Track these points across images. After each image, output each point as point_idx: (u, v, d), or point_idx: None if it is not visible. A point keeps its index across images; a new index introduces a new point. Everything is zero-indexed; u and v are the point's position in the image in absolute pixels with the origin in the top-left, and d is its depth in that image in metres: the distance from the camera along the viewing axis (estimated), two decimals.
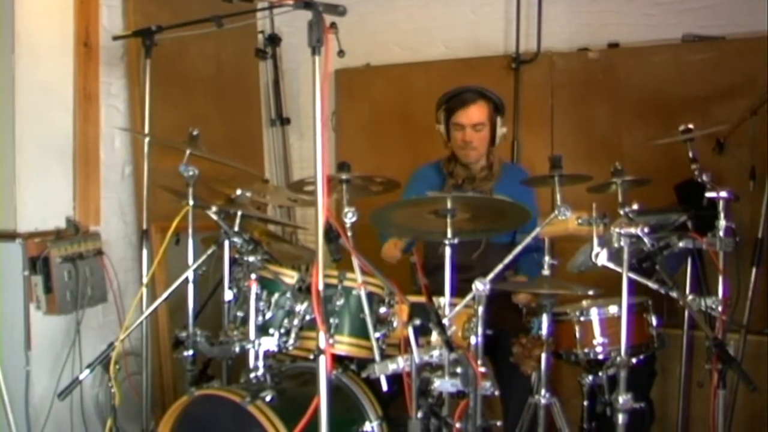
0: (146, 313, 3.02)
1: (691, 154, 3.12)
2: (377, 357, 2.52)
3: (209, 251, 2.93)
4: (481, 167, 3.45)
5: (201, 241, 3.09)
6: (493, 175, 3.44)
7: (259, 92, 4.94)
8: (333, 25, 2.09)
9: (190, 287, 3.01)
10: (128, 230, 3.82)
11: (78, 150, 3.50)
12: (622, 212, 2.66)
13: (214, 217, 2.85)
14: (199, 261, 2.94)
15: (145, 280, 3.31)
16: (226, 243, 2.86)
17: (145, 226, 3.45)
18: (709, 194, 2.93)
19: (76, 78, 3.49)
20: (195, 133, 3.06)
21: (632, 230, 2.51)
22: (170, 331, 3.69)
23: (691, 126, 3.18)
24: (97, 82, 3.60)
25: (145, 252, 3.41)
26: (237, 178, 3.26)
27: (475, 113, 3.35)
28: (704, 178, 2.98)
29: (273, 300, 2.69)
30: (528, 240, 2.59)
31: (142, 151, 3.44)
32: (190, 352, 2.90)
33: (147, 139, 3.40)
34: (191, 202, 2.91)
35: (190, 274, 2.96)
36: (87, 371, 2.76)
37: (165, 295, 2.92)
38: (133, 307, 3.21)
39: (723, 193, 2.89)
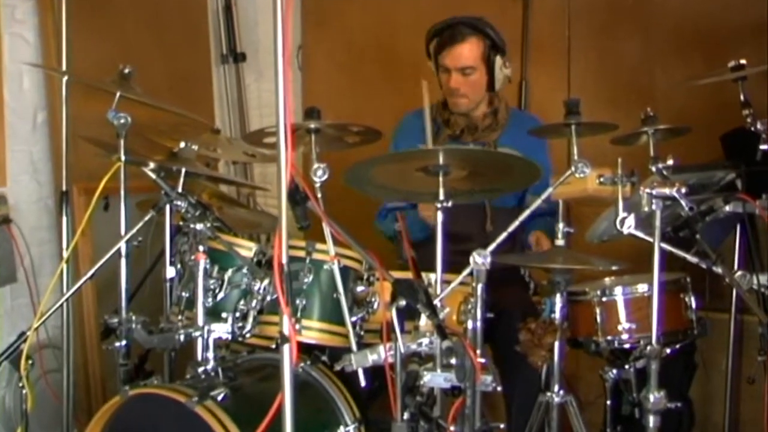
0: (67, 295, 3.04)
1: (742, 97, 3.12)
2: (354, 346, 2.56)
3: (146, 218, 2.94)
4: (483, 114, 3.49)
5: (135, 206, 3.11)
6: (499, 123, 3.49)
7: (208, 21, 4.93)
8: None
9: (123, 262, 3.01)
10: (43, 192, 3.83)
11: None
12: (654, 169, 2.67)
13: (152, 175, 2.86)
14: (134, 230, 2.95)
15: (65, 254, 3.31)
16: (168, 207, 2.88)
17: (64, 187, 3.45)
18: (764, 146, 2.96)
19: None
20: (127, 71, 3.05)
21: (666, 191, 2.53)
22: (98, 318, 3.71)
23: (743, 61, 3.16)
24: None
25: (65, 219, 3.42)
26: (180, 128, 3.26)
27: (461, 55, 3.38)
28: (758, 126, 2.99)
29: (226, 277, 2.73)
30: (537, 203, 2.62)
31: (59, 93, 3.44)
32: (123, 342, 2.91)
33: (65, 78, 3.39)
34: (123, 157, 2.91)
35: (122, 246, 2.97)
36: None
37: (91, 272, 2.94)
38: (51, 288, 3.21)
39: None
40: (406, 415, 2.34)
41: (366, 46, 4.75)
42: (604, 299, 2.88)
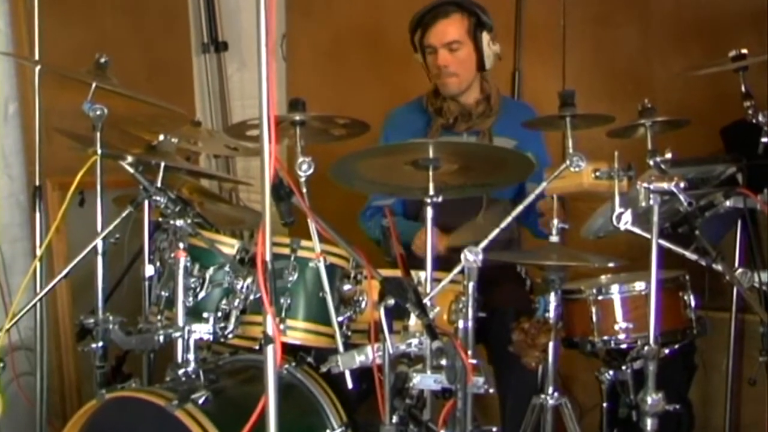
0: (41, 294, 3.03)
1: (743, 88, 3.14)
2: (340, 347, 2.56)
3: (123, 214, 2.93)
4: (475, 100, 3.49)
5: (112, 201, 3.11)
6: (492, 109, 3.49)
7: (188, 8, 4.93)
8: None
9: (99, 260, 3.00)
10: (15, 187, 3.82)
11: None
12: (651, 162, 2.68)
13: (130, 169, 2.86)
14: (111, 227, 2.95)
15: (39, 251, 3.31)
16: (146, 203, 2.88)
17: (37, 182, 3.46)
18: (765, 139, 2.97)
19: None
20: (103, 60, 3.05)
21: (665, 185, 2.53)
22: (73, 318, 3.71)
23: (744, 51, 3.17)
24: None
25: (38, 215, 3.42)
26: (159, 120, 3.26)
27: (446, 30, 3.39)
28: (760, 118, 3.00)
29: (207, 275, 2.73)
30: (531, 199, 2.62)
31: (31, 83, 3.44)
32: (100, 344, 2.91)
33: (38, 68, 3.38)
34: (99, 151, 2.91)
35: (98, 243, 2.97)
36: None
37: (65, 271, 2.93)
38: (23, 288, 3.18)
39: None
40: (394, 419, 2.33)
41: (352, 35, 4.74)
42: (600, 298, 2.88)
